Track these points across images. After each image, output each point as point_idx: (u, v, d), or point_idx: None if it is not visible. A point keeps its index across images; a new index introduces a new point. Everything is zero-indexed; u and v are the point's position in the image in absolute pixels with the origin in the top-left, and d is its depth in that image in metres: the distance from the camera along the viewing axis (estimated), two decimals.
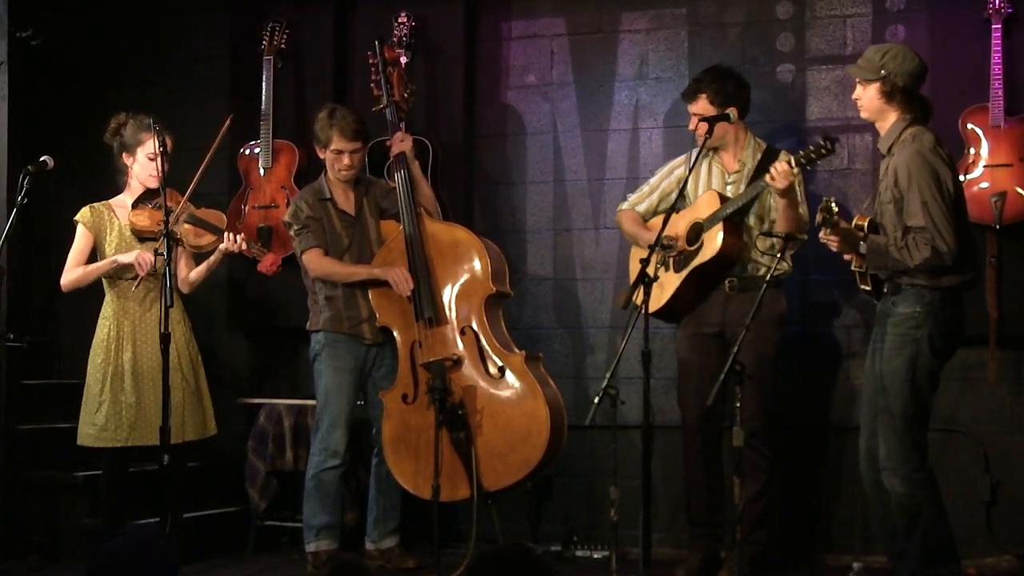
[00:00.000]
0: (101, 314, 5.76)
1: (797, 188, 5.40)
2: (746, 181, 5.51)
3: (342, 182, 5.80)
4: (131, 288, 5.65)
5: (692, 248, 5.49)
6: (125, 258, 5.65)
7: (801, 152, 5.13)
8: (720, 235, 5.38)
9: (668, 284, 5.54)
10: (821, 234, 4.74)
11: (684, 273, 5.50)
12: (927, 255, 4.58)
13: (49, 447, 6.37)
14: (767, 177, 5.17)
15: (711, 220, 5.43)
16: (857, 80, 4.85)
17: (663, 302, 5.56)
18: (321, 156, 5.79)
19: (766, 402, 5.44)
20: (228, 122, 5.72)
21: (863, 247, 4.71)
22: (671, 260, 5.54)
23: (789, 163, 5.13)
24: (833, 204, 4.62)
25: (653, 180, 5.82)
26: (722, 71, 5.57)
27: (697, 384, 5.45)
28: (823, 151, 5.06)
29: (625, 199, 5.88)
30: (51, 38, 6.85)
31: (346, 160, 5.70)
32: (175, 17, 7.07)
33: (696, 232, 5.49)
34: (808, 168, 5.18)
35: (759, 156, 5.55)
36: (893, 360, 4.70)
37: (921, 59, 4.80)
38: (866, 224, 4.79)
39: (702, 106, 5.50)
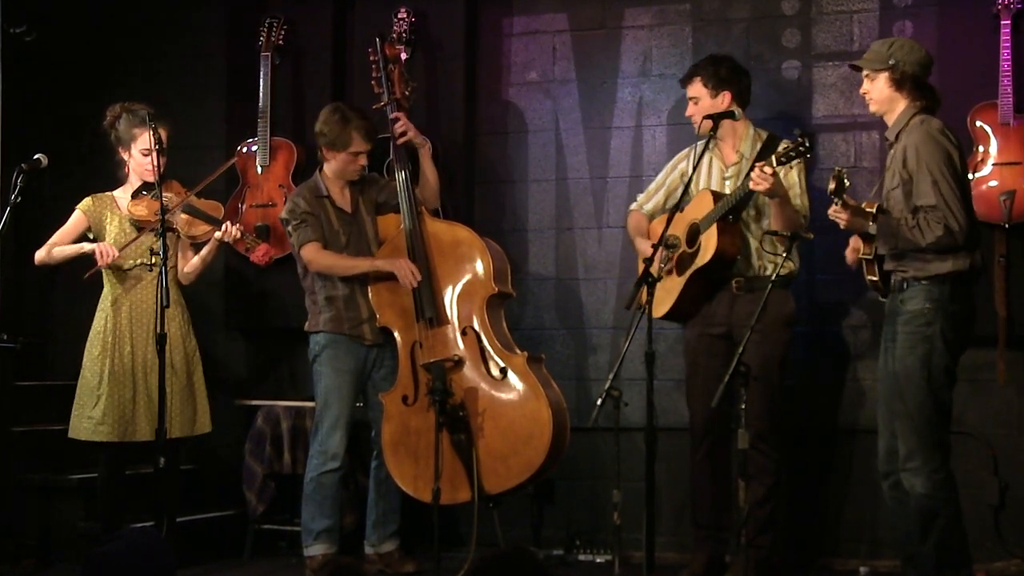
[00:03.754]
0: (99, 306, 5.73)
1: (797, 179, 5.39)
2: (743, 173, 5.47)
3: (346, 180, 5.73)
4: (122, 302, 5.64)
5: (691, 250, 5.45)
6: (90, 247, 5.63)
7: (779, 152, 5.11)
8: (715, 236, 5.35)
9: (672, 287, 5.52)
10: (831, 209, 4.72)
11: (685, 276, 5.47)
12: (939, 234, 4.58)
13: (43, 449, 6.32)
14: (750, 182, 5.14)
15: (706, 221, 5.40)
16: (864, 74, 4.84)
17: (669, 306, 5.54)
18: (328, 158, 5.71)
19: (773, 404, 5.39)
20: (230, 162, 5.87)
21: (872, 227, 4.67)
22: (673, 263, 5.51)
23: (768, 164, 5.10)
24: (845, 175, 4.63)
25: (659, 177, 5.82)
26: (718, 57, 5.62)
27: (704, 385, 5.39)
28: (800, 148, 5.04)
29: (635, 199, 5.85)
30: (45, 35, 6.82)
31: (361, 161, 5.71)
32: (171, 13, 7.02)
33: (694, 233, 5.45)
34: (786, 164, 5.15)
35: (758, 146, 5.53)
36: (907, 359, 4.68)
37: (926, 50, 4.81)
38: (874, 210, 4.78)
39: (696, 88, 5.55)
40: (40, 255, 5.76)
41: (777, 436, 5.42)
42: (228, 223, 5.70)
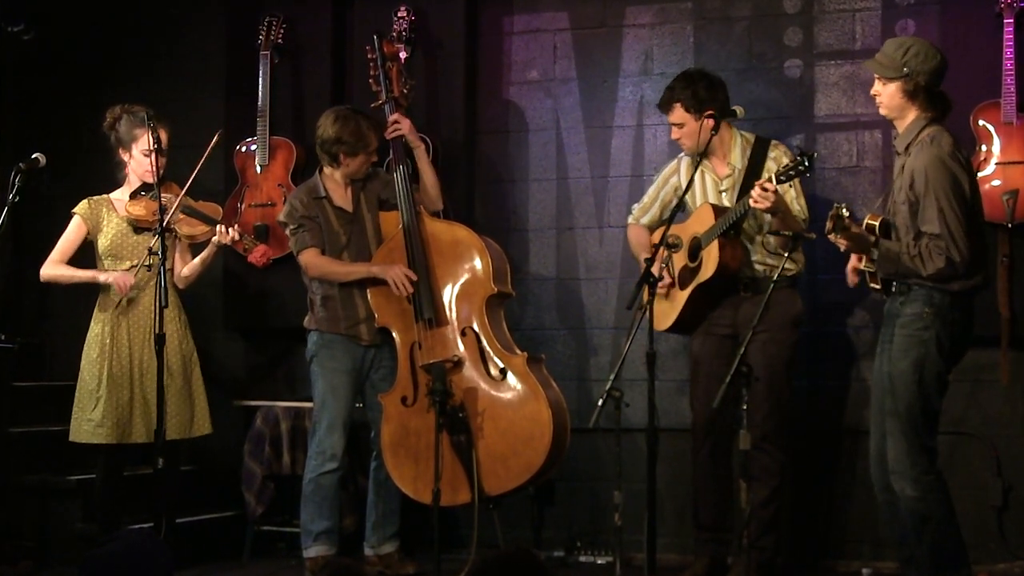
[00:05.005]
0: (96, 307, 5.70)
1: (792, 189, 5.33)
2: (738, 184, 5.45)
3: (348, 178, 5.70)
4: (120, 302, 5.60)
5: (693, 265, 5.44)
6: (105, 277, 5.62)
7: (780, 170, 5.08)
8: (716, 252, 5.33)
9: (676, 302, 5.51)
10: (830, 237, 4.65)
11: (688, 291, 5.46)
12: (941, 265, 4.52)
13: (41, 450, 6.30)
14: (751, 200, 5.10)
15: (707, 237, 5.38)
16: (876, 76, 4.75)
17: (673, 319, 5.53)
18: (346, 163, 5.65)
19: (779, 405, 5.37)
20: (217, 138, 5.61)
21: (874, 253, 4.62)
22: (676, 274, 5.50)
23: (770, 182, 5.06)
24: (844, 211, 4.53)
25: (651, 191, 5.77)
26: (693, 76, 5.51)
27: (707, 386, 5.37)
28: (800, 167, 4.99)
29: (631, 211, 5.83)
30: (43, 33, 6.79)
31: (374, 157, 5.71)
32: (170, 11, 7.01)
33: (695, 248, 5.44)
34: (786, 183, 5.11)
35: (748, 153, 5.49)
36: (900, 362, 4.65)
37: (943, 55, 4.70)
38: (878, 224, 4.71)
39: (679, 115, 5.47)
40: (46, 272, 5.70)
41: (783, 437, 5.38)
42: (222, 226, 5.66)
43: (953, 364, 4.70)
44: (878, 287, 4.80)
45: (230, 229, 5.66)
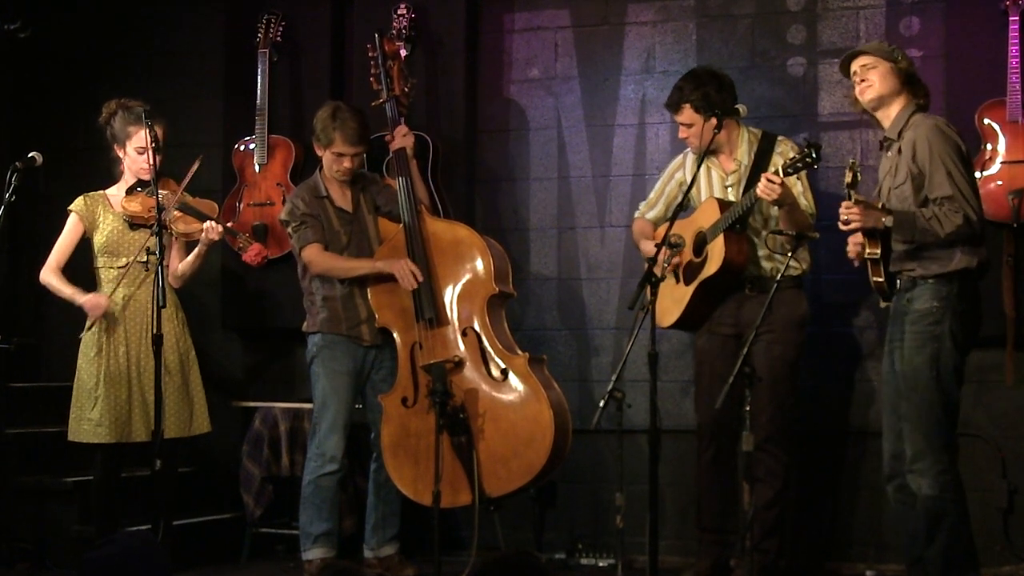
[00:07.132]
0: None
1: (799, 183, 5.31)
2: (744, 180, 5.43)
3: (339, 181, 5.67)
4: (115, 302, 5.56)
5: (698, 260, 5.41)
6: (82, 299, 5.56)
7: (787, 162, 5.07)
8: (721, 246, 5.30)
9: (680, 297, 5.48)
10: (844, 206, 4.64)
11: (693, 286, 5.44)
12: (959, 223, 4.56)
13: (38, 452, 6.27)
14: (758, 191, 5.08)
15: (713, 231, 5.36)
16: (862, 64, 4.82)
17: (677, 316, 5.51)
18: (319, 153, 5.67)
19: (783, 406, 5.34)
20: (197, 164, 5.54)
21: (889, 220, 4.60)
22: (681, 268, 5.46)
23: (776, 174, 5.03)
24: (859, 169, 4.63)
25: (657, 186, 5.77)
26: (702, 77, 5.48)
27: (711, 387, 5.33)
28: (808, 159, 4.98)
29: (638, 208, 5.81)
30: (40, 30, 6.77)
31: (346, 163, 5.62)
32: (167, 9, 6.98)
33: (700, 243, 5.41)
34: (793, 175, 5.07)
35: (755, 149, 5.47)
36: (915, 359, 4.64)
37: None
38: (880, 205, 4.73)
39: (688, 115, 5.45)
40: (44, 278, 5.65)
41: (787, 439, 5.36)
42: (211, 222, 5.59)
43: (967, 355, 4.71)
44: (881, 279, 4.76)
45: (215, 224, 5.55)
